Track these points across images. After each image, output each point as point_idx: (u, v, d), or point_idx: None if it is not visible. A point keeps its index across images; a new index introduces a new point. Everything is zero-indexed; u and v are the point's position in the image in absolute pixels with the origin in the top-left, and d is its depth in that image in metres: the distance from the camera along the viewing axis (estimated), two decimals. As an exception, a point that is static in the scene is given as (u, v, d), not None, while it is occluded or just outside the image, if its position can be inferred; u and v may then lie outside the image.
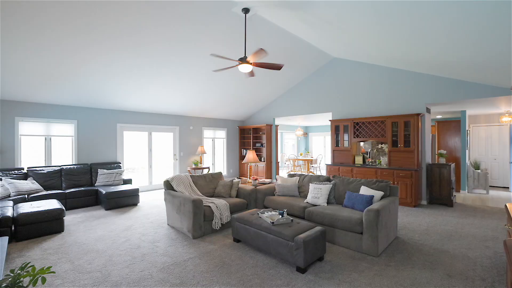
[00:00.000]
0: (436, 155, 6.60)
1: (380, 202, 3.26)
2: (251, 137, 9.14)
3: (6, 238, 2.69)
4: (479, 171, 6.76)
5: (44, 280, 0.89)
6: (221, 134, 9.30)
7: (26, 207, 3.77)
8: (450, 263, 2.82)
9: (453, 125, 7.10)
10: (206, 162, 8.84)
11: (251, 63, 3.85)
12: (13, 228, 3.56)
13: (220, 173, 5.00)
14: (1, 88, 4.74)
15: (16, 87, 4.81)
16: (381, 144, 6.06)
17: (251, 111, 8.96)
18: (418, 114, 5.25)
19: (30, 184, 4.79)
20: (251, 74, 4.30)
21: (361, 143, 6.46)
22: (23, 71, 4.39)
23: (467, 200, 5.82)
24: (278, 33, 4.84)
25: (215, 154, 9.16)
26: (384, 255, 3.02)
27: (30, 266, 0.85)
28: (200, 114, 8.32)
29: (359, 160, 6.23)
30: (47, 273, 0.87)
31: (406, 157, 5.40)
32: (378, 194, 3.49)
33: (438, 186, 5.42)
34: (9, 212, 3.54)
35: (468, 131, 7.22)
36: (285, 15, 4.13)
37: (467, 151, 6.78)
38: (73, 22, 3.54)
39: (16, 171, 4.97)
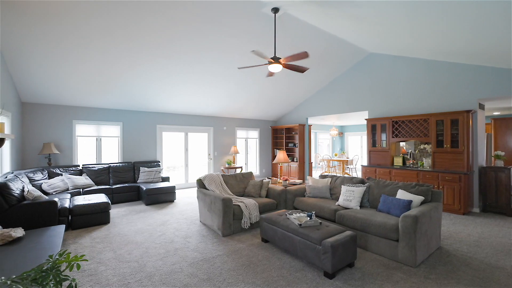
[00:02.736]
0: (492, 157, 5.82)
1: (420, 207, 3.00)
2: (284, 137, 9.08)
3: (63, 226, 3.09)
4: (549, 176, 5.79)
5: (79, 267, 1.01)
6: (254, 134, 9.40)
7: (80, 200, 4.27)
8: (506, 282, 2.47)
9: (515, 123, 6.20)
10: (239, 162, 9.02)
11: (282, 63, 3.85)
12: (69, 217, 4.06)
13: (250, 173, 5.06)
14: (62, 95, 5.44)
15: (73, 94, 5.47)
16: (424, 145, 5.55)
17: (283, 111, 8.90)
18: (468, 111, 4.70)
19: (84, 180, 5.40)
20: (270, 74, 4.28)
21: (401, 143, 6.00)
22: (78, 80, 4.99)
23: (533, 210, 5.03)
24: (310, 30, 4.73)
25: (248, 154, 9.29)
26: (423, 266, 2.77)
27: (67, 253, 0.97)
28: (233, 115, 8.52)
29: (398, 161, 5.79)
30: (80, 260, 0.98)
31: (453, 159, 4.86)
32: (417, 199, 3.21)
33: (494, 192, 4.78)
34: (67, 204, 4.04)
35: (535, 130, 6.24)
36: (316, 12, 4.02)
37: (533, 152, 5.87)
38: (116, 34, 3.91)
39: (73, 168, 5.64)
